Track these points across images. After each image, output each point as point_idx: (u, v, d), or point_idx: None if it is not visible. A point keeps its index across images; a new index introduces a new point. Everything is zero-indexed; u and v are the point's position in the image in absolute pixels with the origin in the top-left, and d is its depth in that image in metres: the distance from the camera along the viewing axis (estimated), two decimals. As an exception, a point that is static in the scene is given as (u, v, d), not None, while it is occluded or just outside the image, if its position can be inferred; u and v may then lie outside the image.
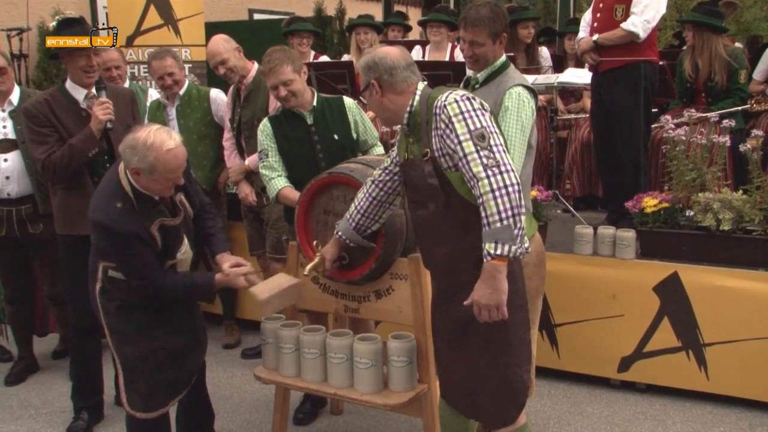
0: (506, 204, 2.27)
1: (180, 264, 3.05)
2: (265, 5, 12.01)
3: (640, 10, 4.21)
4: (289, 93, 3.45)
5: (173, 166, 2.79)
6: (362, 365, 2.98)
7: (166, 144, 2.76)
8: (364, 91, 2.65)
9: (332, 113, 3.60)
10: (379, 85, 2.58)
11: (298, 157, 3.53)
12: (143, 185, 2.84)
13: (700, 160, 4.11)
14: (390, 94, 2.58)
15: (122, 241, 2.81)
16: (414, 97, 2.56)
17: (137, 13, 7.92)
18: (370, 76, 2.60)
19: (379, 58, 2.59)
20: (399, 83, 2.57)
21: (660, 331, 3.88)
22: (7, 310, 4.52)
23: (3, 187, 4.10)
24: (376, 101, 2.63)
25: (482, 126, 2.36)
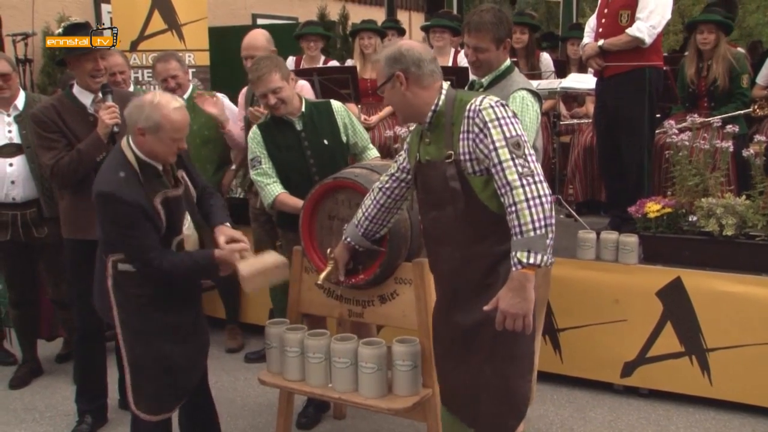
0: (540, 214, 2.27)
1: (187, 240, 3.04)
2: (268, 10, 12.05)
3: (646, 15, 4.22)
4: (279, 101, 3.46)
5: (179, 124, 2.83)
6: (367, 370, 2.99)
7: (172, 104, 2.84)
8: (386, 84, 2.55)
9: (321, 118, 3.62)
10: (405, 77, 2.50)
11: (289, 164, 3.56)
12: (148, 148, 2.85)
13: (703, 165, 4.12)
14: (415, 87, 2.51)
15: (125, 212, 2.78)
16: (440, 96, 2.51)
17: (141, 18, 7.95)
18: (396, 67, 2.51)
19: (406, 50, 2.52)
20: (426, 77, 2.51)
21: (663, 336, 3.88)
22: (12, 313, 4.53)
23: (8, 192, 4.12)
24: (398, 94, 2.54)
25: (518, 134, 2.36)
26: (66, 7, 8.81)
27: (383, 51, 2.60)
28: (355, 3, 14.15)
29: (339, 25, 10.01)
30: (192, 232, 3.09)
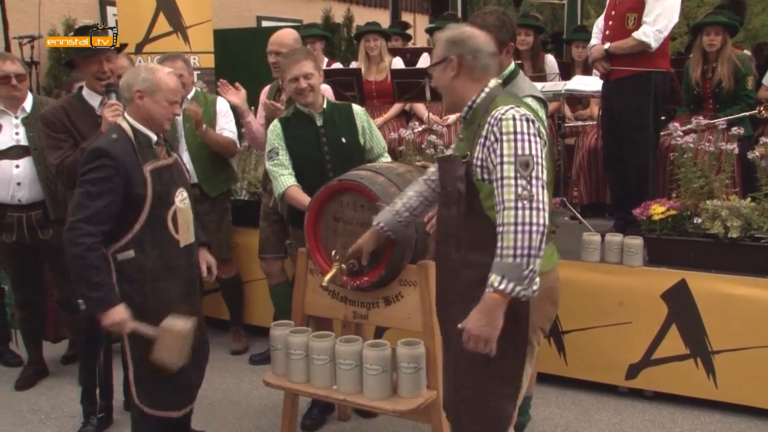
0: (525, 242, 2.17)
1: (180, 213, 3.05)
2: (272, 12, 12.10)
3: (652, 19, 4.20)
4: (309, 86, 3.53)
5: (173, 85, 3.02)
6: (372, 371, 3.00)
7: (165, 69, 3.09)
8: (438, 64, 2.47)
9: (341, 117, 3.66)
10: (458, 63, 2.42)
11: (306, 159, 3.59)
12: (145, 112, 2.98)
13: (708, 167, 4.11)
14: (465, 76, 2.44)
15: (107, 173, 2.84)
16: (481, 93, 2.44)
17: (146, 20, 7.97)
18: (452, 51, 2.43)
19: (467, 36, 2.44)
20: (478, 69, 2.43)
21: (668, 338, 3.88)
22: (18, 315, 4.54)
23: (14, 193, 4.14)
24: (446, 79, 2.47)
25: (530, 154, 2.24)
26: (72, 9, 8.86)
27: (446, 31, 2.50)
28: (360, 5, 14.20)
29: (343, 27, 10.02)
30: (187, 207, 3.12)
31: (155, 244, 2.98)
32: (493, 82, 2.47)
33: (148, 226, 2.95)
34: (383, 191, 2.96)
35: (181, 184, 3.12)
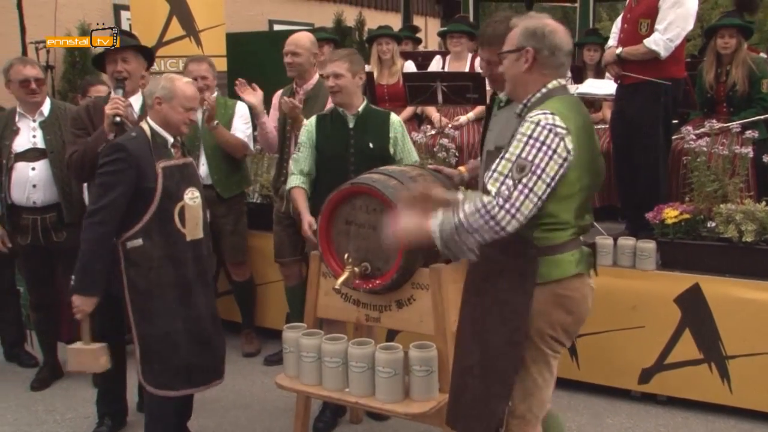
0: (474, 223, 2.20)
1: (188, 209, 3.25)
2: (285, 16, 12.14)
3: (664, 27, 4.18)
4: (336, 86, 3.63)
5: (190, 93, 3.27)
6: (384, 374, 3.00)
7: (184, 79, 3.36)
8: (511, 53, 2.42)
9: (374, 123, 3.74)
10: (533, 57, 2.36)
11: (332, 158, 3.70)
12: (163, 117, 3.25)
13: (722, 171, 4.09)
14: (537, 71, 2.39)
15: (122, 162, 3.12)
16: (537, 93, 2.41)
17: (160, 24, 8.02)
18: (530, 42, 2.36)
19: (549, 31, 2.36)
20: (551, 67, 2.39)
21: (681, 342, 3.86)
22: (33, 316, 4.59)
23: (30, 195, 4.18)
24: (517, 69, 2.41)
25: (531, 161, 2.21)
26: (87, 14, 8.92)
27: (526, 19, 2.43)
28: (372, 8, 14.21)
29: (355, 30, 10.05)
30: (197, 205, 3.30)
31: (162, 234, 3.21)
32: (554, 82, 2.41)
33: (156, 217, 3.19)
34: (396, 195, 2.97)
35: (193, 184, 3.34)
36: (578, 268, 2.47)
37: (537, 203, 2.25)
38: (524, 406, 2.52)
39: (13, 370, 4.76)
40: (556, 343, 2.51)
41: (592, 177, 2.45)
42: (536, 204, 2.25)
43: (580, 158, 2.32)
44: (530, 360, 2.48)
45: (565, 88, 2.46)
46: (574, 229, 2.44)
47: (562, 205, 2.36)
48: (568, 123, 2.29)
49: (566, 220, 2.39)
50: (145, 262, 3.19)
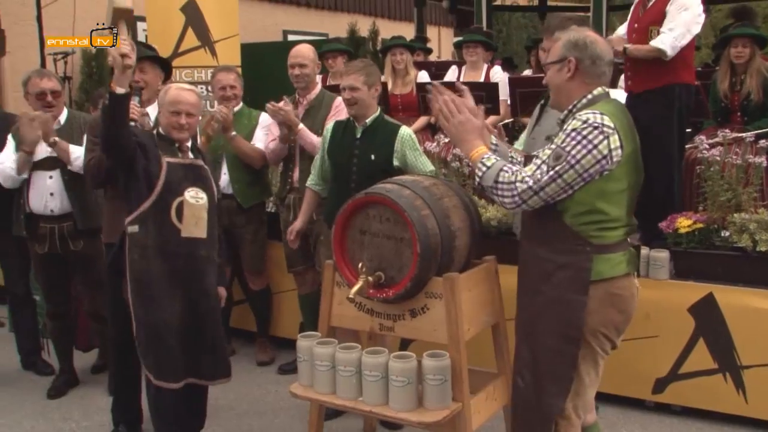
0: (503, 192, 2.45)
1: (187, 206, 3.34)
2: (299, 26, 12.22)
3: (670, 28, 4.20)
4: (352, 98, 3.74)
5: (172, 97, 3.35)
6: (397, 383, 3.01)
7: (179, 86, 3.46)
8: (555, 63, 2.57)
9: (382, 136, 3.79)
10: (575, 66, 2.51)
11: (339, 166, 3.83)
12: (161, 122, 3.44)
13: (736, 180, 4.08)
14: (579, 80, 2.53)
15: None
16: (582, 99, 2.53)
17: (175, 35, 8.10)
18: (573, 53, 2.52)
19: (591, 41, 2.52)
20: (593, 75, 2.53)
21: (695, 352, 3.85)
22: (49, 325, 4.63)
23: (47, 203, 4.24)
24: (561, 79, 2.56)
25: (569, 152, 2.38)
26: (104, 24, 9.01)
27: (569, 32, 2.59)
28: (385, 18, 14.29)
29: (369, 40, 10.10)
30: (199, 204, 3.38)
31: (156, 225, 3.33)
32: (599, 89, 2.54)
33: (154, 207, 3.32)
34: (409, 204, 2.99)
35: (199, 185, 3.42)
36: (628, 267, 2.58)
37: (566, 189, 2.42)
38: (571, 405, 2.59)
39: (29, 378, 4.81)
40: (607, 342, 2.60)
41: (638, 175, 2.57)
42: (564, 189, 2.42)
43: (627, 156, 2.45)
44: (581, 358, 2.56)
45: (608, 94, 2.57)
46: (625, 228, 2.55)
47: (613, 202, 2.48)
48: (615, 122, 2.42)
49: (618, 217, 2.51)
50: (140, 249, 3.32)
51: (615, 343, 2.63)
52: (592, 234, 2.49)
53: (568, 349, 2.53)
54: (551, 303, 2.55)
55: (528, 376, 2.62)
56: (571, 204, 2.46)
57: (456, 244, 3.14)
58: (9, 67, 7.99)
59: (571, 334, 2.52)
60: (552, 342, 2.54)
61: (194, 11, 8.00)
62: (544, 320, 2.57)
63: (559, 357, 2.54)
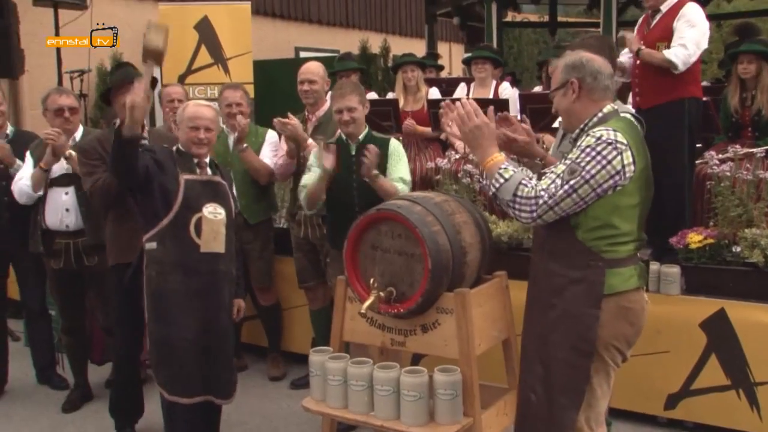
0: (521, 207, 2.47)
1: (206, 222, 3.36)
2: (311, 43, 12.33)
3: (681, 43, 4.23)
4: (351, 119, 3.83)
5: (191, 113, 3.42)
6: (409, 398, 3.03)
7: (197, 102, 3.55)
8: (558, 89, 2.63)
9: None
10: (579, 86, 2.57)
11: (339, 184, 3.86)
12: (180, 138, 3.48)
13: (747, 195, 4.09)
14: (586, 98, 2.59)
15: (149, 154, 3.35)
16: (594, 117, 2.58)
17: (189, 53, 8.23)
18: (572, 74, 2.58)
19: (587, 60, 2.59)
20: (599, 90, 2.59)
21: (708, 368, 3.83)
22: (64, 340, 4.67)
23: (63, 218, 4.29)
24: (567, 102, 2.61)
25: (584, 167, 2.42)
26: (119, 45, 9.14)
27: (565, 57, 2.67)
28: (396, 35, 14.39)
29: (380, 57, 10.18)
30: (218, 219, 3.40)
31: (175, 241, 3.35)
32: (609, 106, 2.59)
33: (173, 224, 3.34)
34: (420, 220, 3.02)
35: (218, 200, 3.46)
36: (639, 281, 2.61)
37: (580, 204, 2.46)
38: (584, 417, 2.60)
39: (44, 393, 4.85)
40: (619, 354, 2.62)
41: (648, 190, 2.61)
42: (578, 204, 2.46)
43: (640, 172, 2.49)
44: (593, 371, 2.58)
45: (617, 112, 2.61)
46: (636, 243, 2.58)
47: (625, 217, 2.52)
48: (628, 139, 2.46)
49: (629, 231, 2.54)
50: (158, 266, 3.35)
51: (626, 356, 2.66)
52: (604, 249, 2.51)
53: (581, 362, 2.55)
54: (564, 317, 2.57)
55: (540, 390, 2.63)
56: (584, 219, 2.49)
57: (467, 259, 3.17)
58: (27, 85, 8.12)
59: (584, 348, 2.54)
60: (565, 355, 2.56)
61: (207, 29, 8.14)
62: (557, 334, 2.59)
63: (572, 370, 2.56)
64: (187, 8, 8.55)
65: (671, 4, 4.33)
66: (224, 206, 3.47)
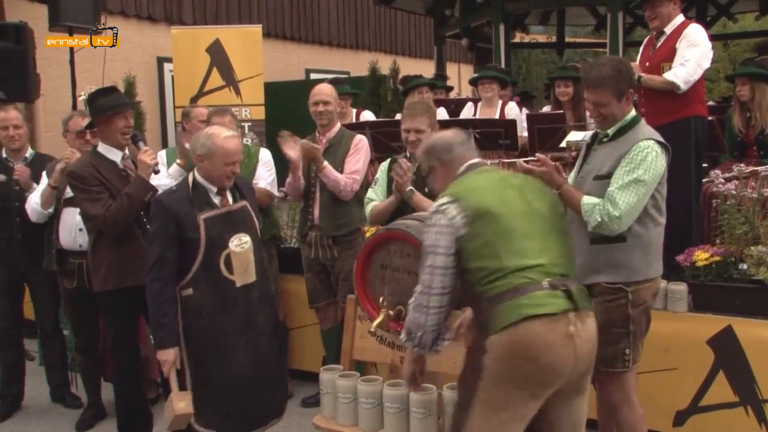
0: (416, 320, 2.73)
1: (235, 256, 3.30)
2: (321, 65, 12.47)
3: (682, 63, 4.28)
4: (417, 140, 3.83)
5: (228, 150, 3.31)
6: (418, 415, 3.07)
7: (224, 133, 3.37)
8: (429, 176, 2.92)
9: None
10: (440, 164, 2.86)
11: None
12: (206, 172, 3.35)
13: (753, 213, 4.12)
14: (450, 171, 2.85)
15: (161, 217, 3.29)
16: (455, 180, 2.81)
17: (201, 75, 8.36)
18: (431, 160, 2.90)
19: (435, 142, 2.91)
20: (456, 159, 2.85)
21: (716, 385, 3.84)
22: (77, 359, 4.71)
23: (76, 238, 4.33)
24: (439, 182, 2.89)
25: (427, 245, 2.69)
26: (132, 67, 9.32)
27: (420, 147, 3.01)
28: (406, 56, 14.52)
29: (390, 78, 10.28)
30: (245, 250, 3.34)
31: (209, 283, 3.29)
32: (464, 167, 2.84)
33: (203, 267, 3.28)
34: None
35: (242, 229, 3.38)
36: (534, 310, 2.51)
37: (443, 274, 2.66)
38: None
39: (58, 411, 4.90)
40: (516, 390, 2.54)
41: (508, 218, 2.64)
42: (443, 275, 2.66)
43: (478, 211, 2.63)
44: (481, 403, 2.58)
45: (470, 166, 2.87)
46: (521, 273, 2.57)
47: (485, 256, 2.60)
48: (461, 189, 2.72)
49: (499, 267, 2.58)
50: (196, 311, 3.29)
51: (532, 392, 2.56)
52: (482, 289, 2.60)
53: (464, 401, 2.66)
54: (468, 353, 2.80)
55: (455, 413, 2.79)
56: (462, 269, 2.65)
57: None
58: (42, 108, 8.27)
59: (468, 388, 2.64)
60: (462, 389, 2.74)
61: (219, 52, 8.28)
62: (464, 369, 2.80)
63: (457, 409, 2.73)
64: (199, 31, 8.72)
65: (675, 26, 4.40)
66: (249, 232, 3.40)
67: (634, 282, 3.12)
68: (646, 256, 3.14)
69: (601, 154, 3.18)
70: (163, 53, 9.77)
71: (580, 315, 2.58)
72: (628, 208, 2.98)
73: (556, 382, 2.58)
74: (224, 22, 10.66)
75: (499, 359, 2.53)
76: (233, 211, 3.41)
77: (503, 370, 2.54)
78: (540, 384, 2.56)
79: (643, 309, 3.19)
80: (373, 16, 14.00)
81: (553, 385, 2.58)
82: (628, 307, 3.12)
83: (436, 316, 2.66)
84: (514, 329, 2.51)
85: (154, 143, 9.23)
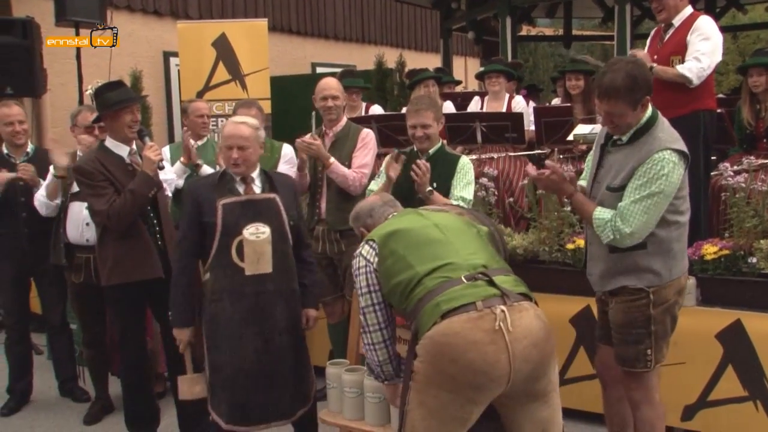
0: None
1: (247, 244, 3.29)
2: (327, 59, 12.44)
3: (696, 57, 4.24)
4: (425, 135, 3.89)
5: (228, 132, 3.40)
6: (424, 409, 3.06)
7: (235, 119, 3.52)
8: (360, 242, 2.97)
9: (443, 166, 3.90)
10: (366, 228, 3.04)
11: (405, 193, 3.79)
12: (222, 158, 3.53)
13: (762, 206, 4.09)
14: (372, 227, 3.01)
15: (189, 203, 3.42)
16: None
17: (207, 69, 8.36)
18: (357, 226, 3.13)
19: (359, 209, 3.15)
20: (378, 220, 3.04)
21: (725, 379, 3.82)
22: (85, 353, 4.73)
23: (83, 233, 4.35)
24: None
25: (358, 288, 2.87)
26: (138, 62, 9.32)
27: (351, 215, 3.19)
28: (412, 50, 14.47)
29: (396, 72, 10.25)
30: (260, 240, 3.31)
31: (221, 268, 3.33)
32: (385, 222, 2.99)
33: (218, 251, 3.33)
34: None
35: (263, 220, 3.35)
36: (451, 304, 2.46)
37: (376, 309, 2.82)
38: None
39: (66, 405, 4.92)
40: (447, 393, 2.47)
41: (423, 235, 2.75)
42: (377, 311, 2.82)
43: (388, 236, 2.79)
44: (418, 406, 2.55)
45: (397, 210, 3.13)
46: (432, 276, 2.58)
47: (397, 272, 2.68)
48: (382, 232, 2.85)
49: (410, 278, 2.61)
50: (209, 294, 3.36)
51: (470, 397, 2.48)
52: (405, 304, 2.64)
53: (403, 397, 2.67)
54: None
55: None
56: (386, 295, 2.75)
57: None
58: (49, 104, 8.28)
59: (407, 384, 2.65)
60: None
61: (225, 46, 8.26)
62: None
63: None
64: (205, 26, 8.70)
65: (684, 18, 4.35)
66: (270, 223, 3.34)
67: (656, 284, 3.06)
68: (668, 260, 3.05)
69: (616, 158, 3.07)
70: (169, 47, 9.77)
71: (512, 309, 2.45)
72: (639, 224, 2.90)
73: (491, 385, 2.45)
74: (230, 16, 10.65)
75: (426, 362, 2.49)
76: (255, 200, 3.38)
77: (431, 372, 2.49)
78: (472, 387, 2.44)
79: (666, 308, 3.08)
80: (379, 9, 13.95)
81: (489, 388, 2.46)
82: (649, 308, 3.04)
83: (383, 350, 2.80)
84: (436, 329, 2.46)
85: (160, 138, 9.24)
